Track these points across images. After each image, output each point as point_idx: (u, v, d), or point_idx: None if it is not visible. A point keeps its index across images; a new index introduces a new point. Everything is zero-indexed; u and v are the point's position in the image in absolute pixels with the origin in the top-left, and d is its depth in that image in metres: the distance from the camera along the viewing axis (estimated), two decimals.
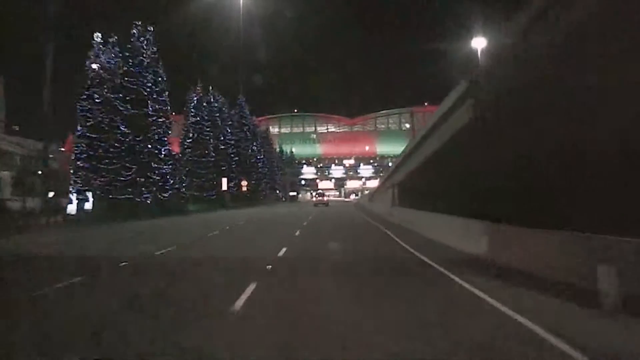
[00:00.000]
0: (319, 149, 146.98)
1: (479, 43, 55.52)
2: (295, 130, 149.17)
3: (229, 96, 67.88)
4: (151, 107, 38.77)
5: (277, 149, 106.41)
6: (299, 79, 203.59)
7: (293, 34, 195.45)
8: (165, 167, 39.98)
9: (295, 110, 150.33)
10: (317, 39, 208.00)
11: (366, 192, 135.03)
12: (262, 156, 75.53)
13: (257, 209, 48.18)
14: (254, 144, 71.41)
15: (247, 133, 68.37)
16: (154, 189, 38.01)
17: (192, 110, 52.07)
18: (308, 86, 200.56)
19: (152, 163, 37.81)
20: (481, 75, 13.68)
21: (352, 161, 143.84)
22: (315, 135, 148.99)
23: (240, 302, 6.50)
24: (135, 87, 37.68)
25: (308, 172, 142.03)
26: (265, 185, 78.64)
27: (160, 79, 42.35)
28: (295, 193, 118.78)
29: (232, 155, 60.54)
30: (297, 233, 18.55)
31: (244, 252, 13.21)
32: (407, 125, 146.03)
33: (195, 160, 50.61)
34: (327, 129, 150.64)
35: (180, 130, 53.62)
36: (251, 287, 7.47)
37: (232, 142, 61.87)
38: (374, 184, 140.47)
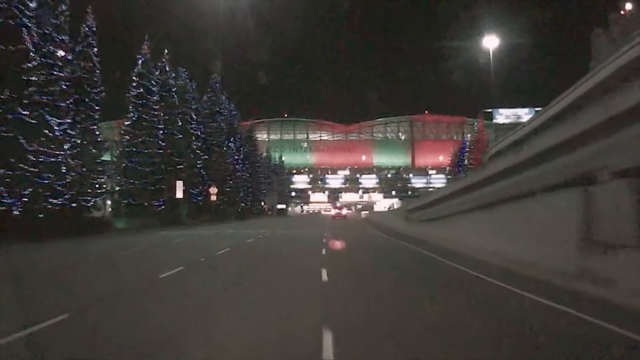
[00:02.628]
0: (311, 158, 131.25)
1: (491, 42, 39.37)
2: (286, 137, 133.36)
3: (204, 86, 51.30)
4: (32, 45, 21.82)
5: (264, 154, 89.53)
6: (291, 81, 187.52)
7: (287, 34, 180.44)
8: (59, 152, 22.93)
9: (286, 115, 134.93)
10: (312, 41, 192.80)
11: (359, 206, 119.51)
12: (242, 157, 58.51)
13: (219, 229, 30.94)
14: (232, 140, 54.43)
15: (222, 125, 51.44)
16: (28, 190, 20.85)
17: (135, 78, 35.12)
18: (301, 90, 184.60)
19: (28, 143, 20.74)
20: None
21: (346, 172, 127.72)
22: (306, 143, 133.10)
23: None
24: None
25: (299, 181, 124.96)
26: (246, 196, 61.59)
27: (64, 7, 25.58)
28: (284, 206, 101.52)
29: (198, 152, 43.51)
30: None
31: None
32: (402, 137, 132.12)
33: (134, 151, 33.51)
34: (320, 136, 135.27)
35: None
36: None
37: (199, 133, 44.87)
38: (374, 197, 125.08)
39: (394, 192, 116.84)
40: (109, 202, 38.77)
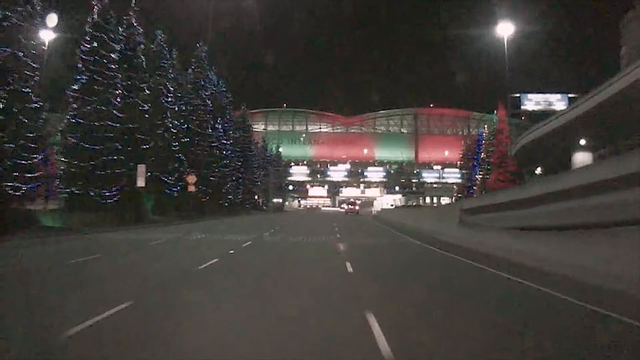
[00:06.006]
0: (310, 151, 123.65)
1: (505, 30, 32.03)
2: (284, 128, 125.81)
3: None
4: None
5: (260, 144, 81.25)
6: (292, 72, 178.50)
7: (289, 24, 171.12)
8: None
9: (285, 105, 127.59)
10: (314, 31, 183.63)
11: (358, 201, 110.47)
12: (231, 141, 50.04)
13: (186, 232, 22.31)
14: (219, 121, 45.98)
15: (208, 102, 42.96)
16: None
17: (89, 30, 26.78)
18: (301, 81, 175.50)
19: None
20: None
21: (347, 166, 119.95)
22: (305, 135, 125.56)
23: None
24: None
25: (298, 172, 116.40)
26: (236, 188, 53.23)
27: None
28: (280, 200, 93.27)
29: (174, 131, 35.07)
30: None
31: None
32: (404, 131, 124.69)
33: (81, 124, 25.15)
34: (320, 128, 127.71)
35: None
36: None
37: (176, 108, 36.46)
38: (377, 192, 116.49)
39: (397, 188, 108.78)
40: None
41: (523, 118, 72.35)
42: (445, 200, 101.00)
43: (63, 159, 26.11)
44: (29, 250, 13.95)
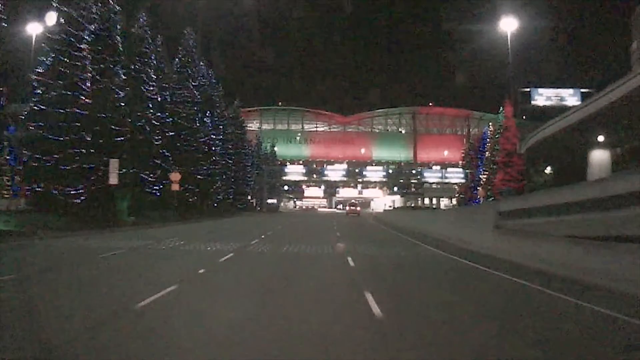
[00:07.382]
0: (306, 150, 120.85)
1: (509, 25, 30.90)
2: (279, 127, 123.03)
3: None
4: None
5: (255, 142, 78.15)
6: (286, 68, 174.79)
7: (285, 20, 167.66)
8: None
9: (280, 104, 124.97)
10: (311, 27, 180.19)
11: (355, 201, 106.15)
12: (221, 136, 46.58)
13: (159, 238, 18.72)
14: (208, 114, 42.54)
15: (196, 93, 39.51)
16: None
17: (55, 5, 23.48)
18: (296, 77, 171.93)
19: None
20: None
21: (344, 165, 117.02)
22: (301, 134, 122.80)
23: None
24: None
25: (293, 171, 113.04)
26: (228, 187, 49.79)
27: None
28: (275, 201, 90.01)
29: (157, 123, 31.63)
30: None
31: None
32: (402, 130, 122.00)
33: (42, 111, 21.76)
34: (317, 127, 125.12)
35: None
36: None
37: (158, 98, 33.02)
38: (375, 193, 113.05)
39: (395, 189, 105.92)
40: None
41: (524, 117, 69.49)
42: (445, 202, 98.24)
43: (24, 151, 22.74)
44: None
